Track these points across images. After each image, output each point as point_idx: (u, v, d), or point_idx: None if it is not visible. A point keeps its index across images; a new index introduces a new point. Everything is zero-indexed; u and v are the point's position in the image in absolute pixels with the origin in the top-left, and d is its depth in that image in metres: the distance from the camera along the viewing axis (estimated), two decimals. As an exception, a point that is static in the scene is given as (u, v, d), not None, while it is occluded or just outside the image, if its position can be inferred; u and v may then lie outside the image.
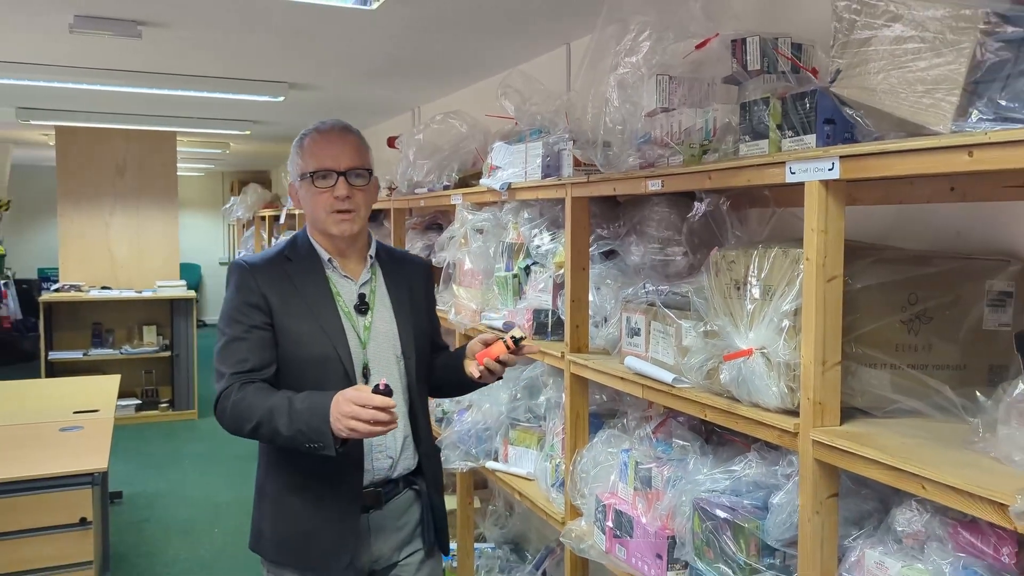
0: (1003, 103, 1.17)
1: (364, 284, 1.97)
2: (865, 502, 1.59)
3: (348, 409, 1.60)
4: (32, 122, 6.16)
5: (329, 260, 1.95)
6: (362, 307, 1.95)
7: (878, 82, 1.33)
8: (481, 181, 2.91)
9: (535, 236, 2.70)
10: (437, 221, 4.31)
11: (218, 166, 11.77)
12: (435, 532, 2.04)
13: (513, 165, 2.75)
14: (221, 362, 1.84)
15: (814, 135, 1.56)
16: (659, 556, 1.94)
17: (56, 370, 6.50)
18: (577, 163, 2.43)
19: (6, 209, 9.07)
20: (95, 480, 3.04)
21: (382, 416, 1.59)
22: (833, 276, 1.48)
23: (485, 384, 1.99)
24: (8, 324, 9.48)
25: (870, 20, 1.33)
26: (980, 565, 1.28)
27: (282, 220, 7.84)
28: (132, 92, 4.91)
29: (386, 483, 1.94)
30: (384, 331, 1.96)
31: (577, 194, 2.32)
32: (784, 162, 1.55)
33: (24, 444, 3.31)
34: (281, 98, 4.81)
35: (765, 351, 1.59)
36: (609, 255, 2.52)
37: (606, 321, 2.39)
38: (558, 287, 2.55)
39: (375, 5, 2.75)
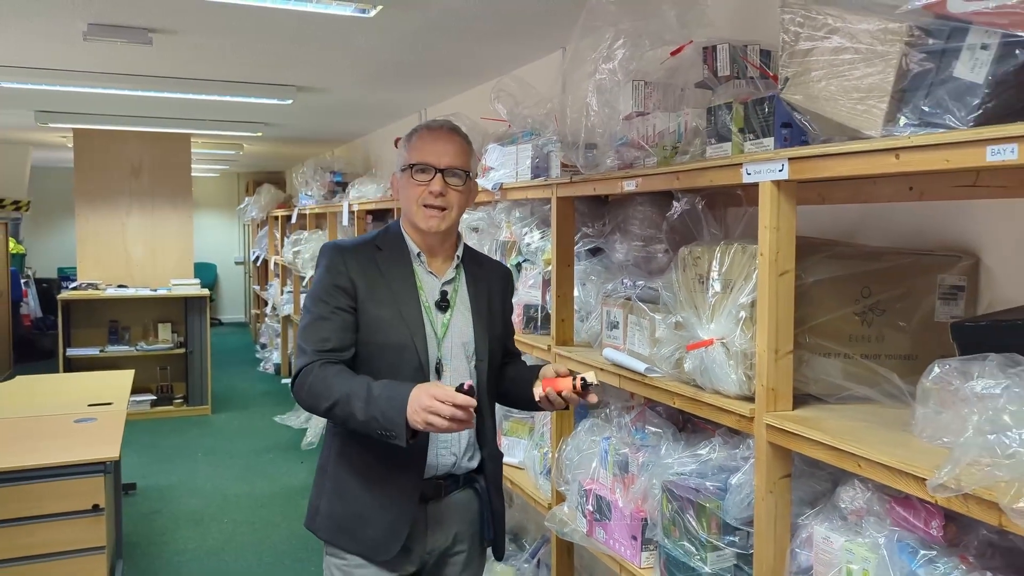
0: (926, 109, 1.26)
1: (448, 282, 1.97)
2: (819, 483, 1.69)
3: (428, 403, 1.60)
4: (50, 125, 6.33)
5: (418, 254, 1.96)
6: (443, 304, 1.95)
7: (820, 89, 1.43)
8: (477, 181, 3.02)
9: (526, 234, 2.81)
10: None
11: (233, 167, 11.94)
12: (490, 531, 2.02)
13: (505, 166, 2.86)
14: (304, 339, 1.87)
15: (772, 138, 1.67)
16: (634, 537, 2.05)
17: (74, 366, 6.66)
18: (564, 165, 2.53)
19: (26, 210, 9.26)
20: (107, 468, 3.17)
21: (460, 415, 1.59)
22: (785, 270, 1.58)
23: (544, 410, 1.95)
24: (28, 322, 9.69)
25: (812, 32, 1.43)
26: (912, 538, 1.37)
27: (294, 220, 7.99)
28: (145, 96, 5.06)
29: (448, 478, 1.94)
30: (460, 331, 1.95)
31: (562, 194, 2.43)
32: (741, 164, 1.65)
33: (41, 434, 3.45)
34: (289, 101, 4.94)
35: (725, 341, 1.69)
36: (595, 252, 2.63)
37: (590, 316, 2.49)
38: (547, 283, 2.66)
39: (372, 13, 2.86)
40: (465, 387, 1.60)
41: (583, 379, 1.72)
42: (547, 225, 2.76)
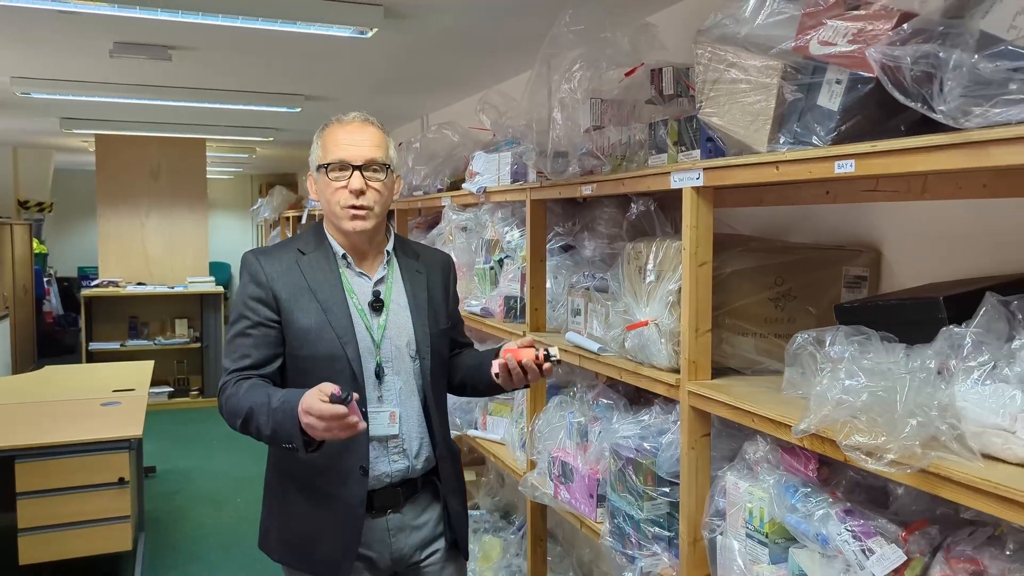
0: (798, 130, 1.57)
1: (379, 282, 1.90)
2: (737, 442, 1.99)
3: (304, 419, 1.54)
4: (74, 131, 6.71)
5: (344, 256, 1.88)
6: (376, 305, 1.87)
7: (724, 112, 1.74)
8: (464, 185, 3.34)
9: (507, 233, 3.12)
10: (439, 220, 4.74)
11: (247, 169, 12.31)
12: (452, 534, 1.98)
13: (489, 171, 3.17)
14: (226, 356, 1.82)
15: (699, 150, 1.97)
16: (591, 496, 2.35)
17: (96, 359, 7.02)
18: (538, 171, 2.84)
19: (49, 211, 9.65)
20: (131, 445, 3.52)
21: (334, 426, 1.52)
22: (704, 262, 1.88)
23: (503, 391, 1.93)
24: (51, 319, 10.08)
25: (717, 65, 1.73)
26: (796, 480, 1.67)
27: (303, 220, 8.33)
28: (164, 105, 5.41)
29: (404, 483, 1.89)
30: (400, 331, 1.88)
31: (534, 197, 2.74)
32: (670, 172, 1.96)
33: (71, 416, 3.80)
34: (298, 109, 5.28)
35: (657, 322, 1.99)
36: (566, 249, 2.93)
37: (559, 305, 2.80)
38: (524, 277, 2.96)
39: (370, 34, 3.18)
40: (337, 394, 1.50)
41: (547, 351, 1.74)
42: (525, 225, 3.07)
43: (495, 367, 1.79)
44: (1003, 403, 1.25)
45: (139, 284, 7.52)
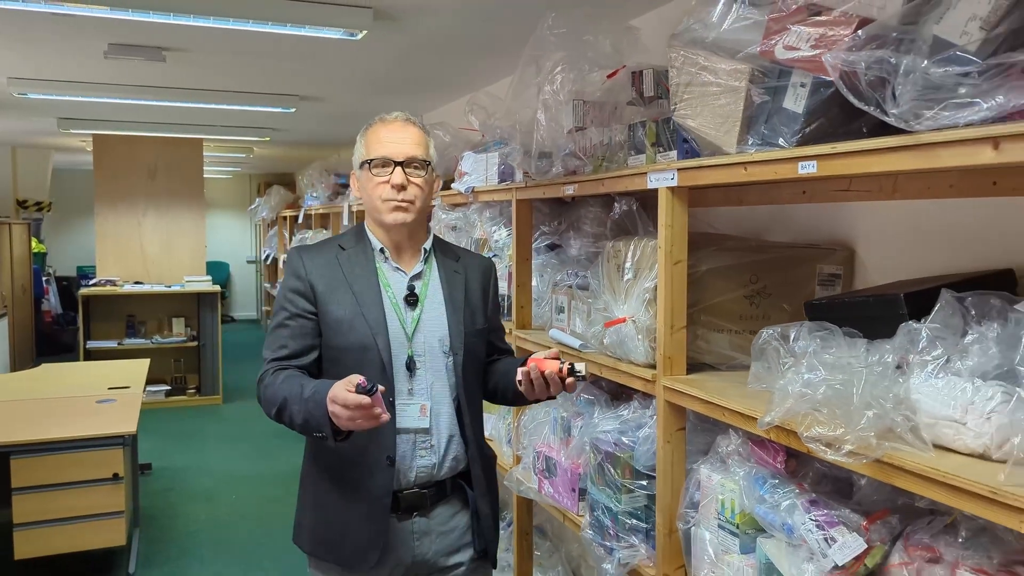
0: (766, 132, 1.61)
1: (415, 277, 1.92)
2: (712, 436, 2.04)
3: (330, 407, 1.59)
4: (72, 131, 6.76)
5: (381, 250, 1.91)
6: (411, 299, 1.89)
7: (696, 114, 1.78)
8: (453, 185, 3.39)
9: (495, 232, 3.16)
10: (430, 219, 4.79)
11: (245, 169, 12.36)
12: (481, 541, 1.94)
13: (477, 172, 3.22)
14: (266, 347, 1.86)
15: (675, 151, 2.01)
16: (573, 490, 2.40)
17: (94, 357, 7.05)
18: (525, 172, 2.89)
19: (48, 210, 9.70)
20: (126, 441, 3.57)
21: (357, 415, 1.55)
22: (678, 260, 1.93)
23: (530, 402, 1.90)
24: (50, 318, 10.13)
25: (690, 69, 1.77)
26: (765, 472, 1.72)
27: (300, 220, 8.38)
28: (160, 105, 5.46)
29: (432, 485, 1.87)
30: (433, 326, 1.89)
31: (520, 197, 2.79)
32: (646, 172, 2.00)
33: (66, 412, 3.85)
34: (292, 109, 5.32)
35: (634, 319, 2.04)
36: (552, 248, 2.98)
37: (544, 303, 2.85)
38: (511, 275, 3.01)
39: (360, 36, 3.23)
40: (362, 384, 1.53)
41: (571, 365, 1.71)
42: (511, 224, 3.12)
43: (519, 374, 1.77)
44: (955, 395, 1.30)
45: (136, 283, 7.56)
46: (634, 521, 2.07)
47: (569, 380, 1.72)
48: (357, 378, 1.55)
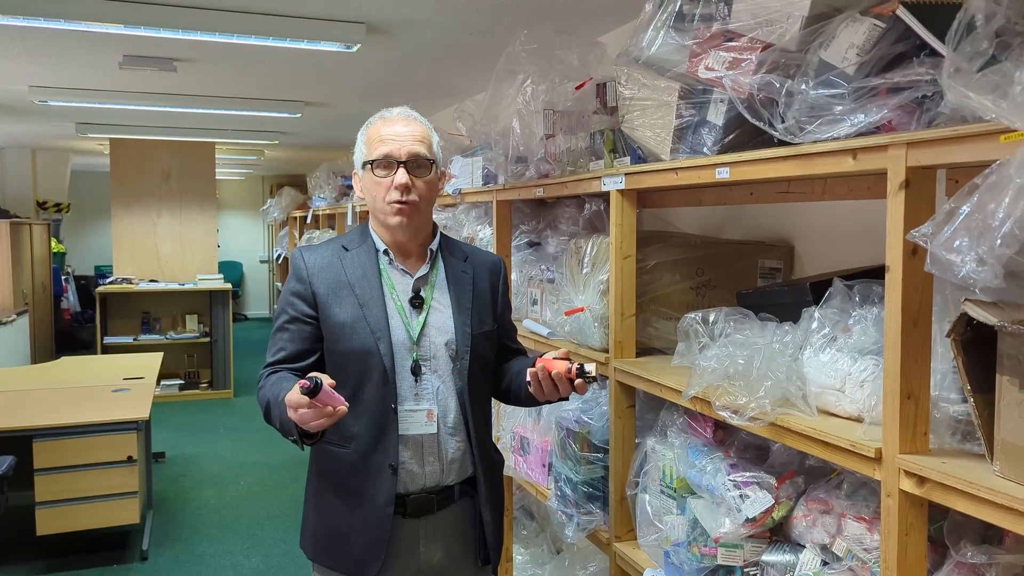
0: (693, 141, 1.84)
1: (421, 279, 1.85)
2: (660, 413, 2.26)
3: (288, 412, 1.56)
4: (89, 135, 7.05)
5: (385, 252, 1.85)
6: (416, 302, 1.83)
7: (639, 125, 2.01)
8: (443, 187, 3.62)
9: (480, 231, 3.39)
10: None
11: (257, 171, 12.64)
12: (484, 549, 1.89)
13: (464, 174, 3.45)
14: (267, 350, 1.84)
15: (628, 157, 2.24)
16: (543, 465, 2.63)
17: (110, 352, 7.33)
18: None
19: (67, 211, 10.01)
20: (139, 426, 3.83)
21: (308, 414, 1.51)
22: (628, 255, 2.15)
23: (540, 403, 1.85)
24: (68, 315, 10.44)
25: (632, 87, 2.00)
26: (698, 441, 1.94)
27: (309, 220, 8.65)
28: (172, 111, 5.73)
29: (440, 490, 1.83)
30: (439, 330, 1.83)
31: (500, 198, 3.02)
32: (601, 177, 2.23)
33: (84, 400, 4.11)
34: (299, 114, 5.58)
35: (591, 308, 2.27)
36: (532, 245, 3.21)
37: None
38: (494, 271, 3.25)
39: (355, 48, 3.47)
40: (306, 385, 1.46)
41: (580, 366, 1.67)
42: (495, 223, 3.35)
43: (528, 374, 1.73)
44: (837, 368, 1.52)
45: (151, 281, 7.84)
46: (592, 490, 2.30)
47: (578, 381, 1.67)
48: (304, 380, 1.49)
